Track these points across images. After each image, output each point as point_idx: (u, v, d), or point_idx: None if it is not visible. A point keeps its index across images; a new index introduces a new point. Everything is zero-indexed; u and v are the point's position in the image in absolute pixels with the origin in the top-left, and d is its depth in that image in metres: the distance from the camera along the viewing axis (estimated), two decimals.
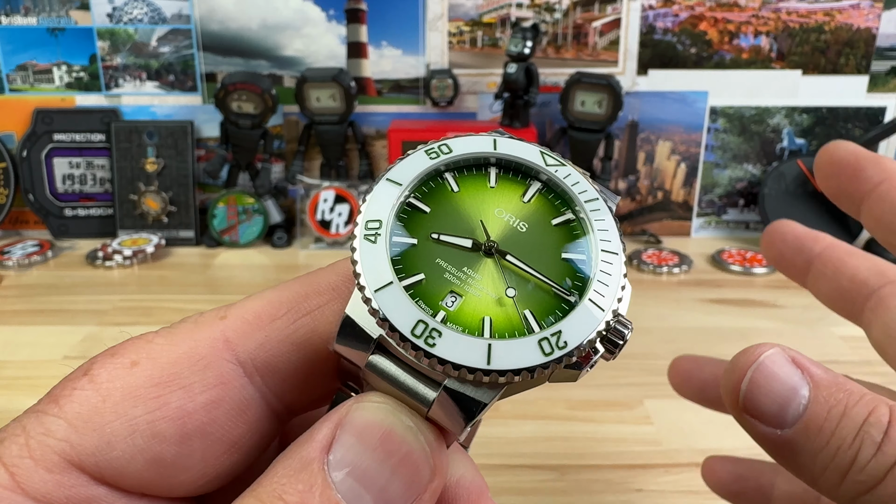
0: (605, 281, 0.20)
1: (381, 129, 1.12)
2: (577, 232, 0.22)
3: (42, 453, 0.18)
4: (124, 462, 0.19)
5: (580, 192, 0.22)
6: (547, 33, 1.09)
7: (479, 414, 0.19)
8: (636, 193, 1.14)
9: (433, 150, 0.22)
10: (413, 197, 0.21)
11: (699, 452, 0.58)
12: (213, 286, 0.95)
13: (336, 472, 0.18)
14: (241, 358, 0.21)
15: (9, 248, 1.03)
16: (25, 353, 0.74)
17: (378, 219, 0.20)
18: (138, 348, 0.21)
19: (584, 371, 0.20)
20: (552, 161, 0.23)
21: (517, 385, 0.20)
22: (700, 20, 1.07)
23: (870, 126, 1.10)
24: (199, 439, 0.20)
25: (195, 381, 0.20)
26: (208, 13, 1.07)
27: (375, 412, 0.19)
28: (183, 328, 0.21)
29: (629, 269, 0.21)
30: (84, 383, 0.20)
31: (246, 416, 0.21)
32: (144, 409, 0.19)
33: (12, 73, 1.09)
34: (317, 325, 0.21)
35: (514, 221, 0.21)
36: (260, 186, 1.09)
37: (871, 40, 1.07)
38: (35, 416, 0.19)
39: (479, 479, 0.22)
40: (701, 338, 0.78)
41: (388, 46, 1.09)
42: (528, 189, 0.22)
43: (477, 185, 0.22)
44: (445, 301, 0.20)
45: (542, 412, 0.63)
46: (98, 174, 1.11)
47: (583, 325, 0.20)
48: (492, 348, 0.19)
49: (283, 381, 0.22)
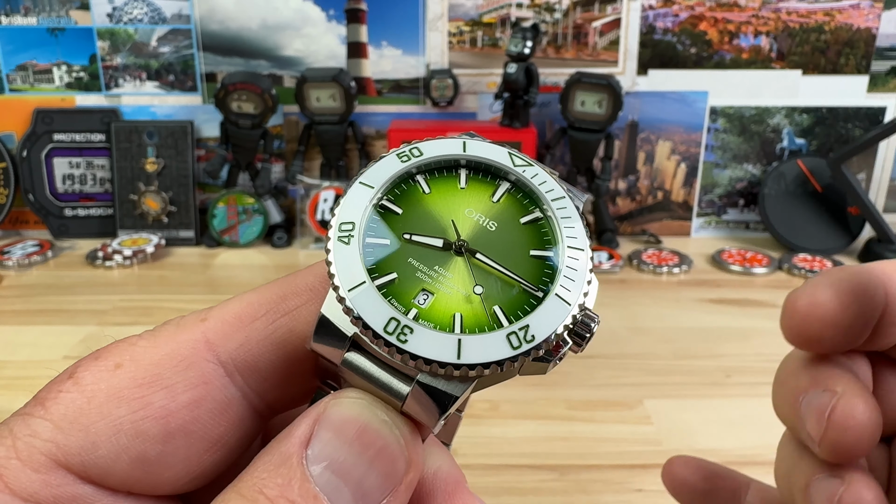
0: (572, 276, 0.21)
1: (381, 129, 1.12)
2: (545, 230, 0.22)
3: (29, 454, 0.19)
4: (109, 461, 0.20)
5: (547, 192, 0.23)
6: (547, 33, 1.09)
7: (451, 406, 0.20)
8: (636, 193, 1.14)
9: (404, 153, 0.23)
10: (385, 199, 0.22)
11: (699, 452, 0.58)
12: (213, 286, 0.95)
13: (314, 465, 0.18)
14: (221, 358, 0.22)
15: (9, 248, 1.03)
16: (25, 353, 0.74)
17: (351, 221, 0.21)
18: (122, 351, 0.21)
19: (553, 363, 0.21)
20: (520, 162, 0.23)
21: (488, 378, 0.20)
22: (700, 20, 1.07)
23: (870, 126, 1.10)
24: (182, 438, 0.20)
25: (177, 381, 0.21)
26: (208, 13, 1.07)
27: (351, 407, 0.19)
28: (165, 330, 0.22)
29: (629, 269, 0.21)
30: (69, 386, 0.20)
31: (227, 415, 0.21)
32: (128, 410, 0.20)
33: (12, 73, 1.09)
34: (295, 324, 0.22)
35: (484, 221, 0.22)
36: (260, 186, 1.09)
37: (871, 40, 1.07)
38: (21, 419, 0.20)
39: (455, 470, 0.23)
40: (701, 338, 0.78)
41: (388, 46, 1.09)
42: (497, 189, 0.23)
43: (447, 187, 0.23)
44: (417, 299, 0.20)
45: (542, 412, 0.63)
46: (98, 174, 1.11)
47: (550, 319, 0.20)
48: (462, 343, 0.19)
49: (263, 379, 0.22)
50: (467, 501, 0.22)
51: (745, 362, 0.72)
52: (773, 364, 0.27)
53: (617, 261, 0.99)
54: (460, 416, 0.26)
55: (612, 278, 0.96)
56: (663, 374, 0.71)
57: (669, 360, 0.73)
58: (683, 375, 0.70)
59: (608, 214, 1.10)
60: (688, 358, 0.74)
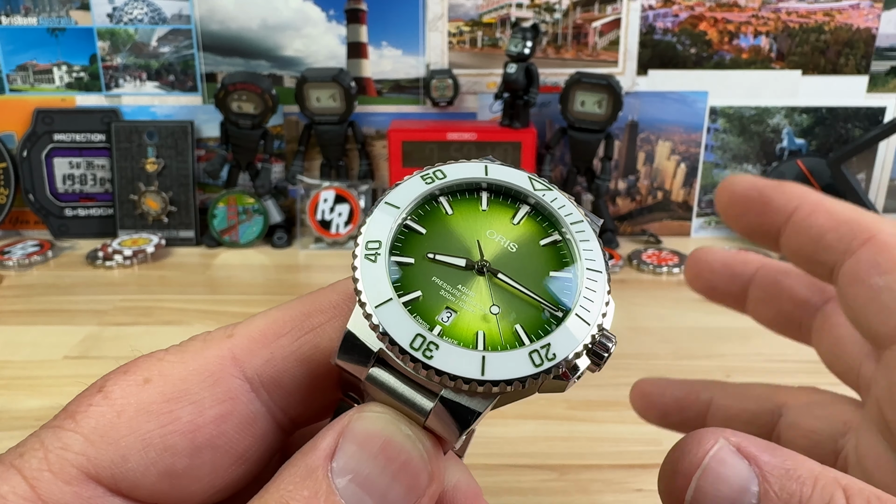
0: (590, 297, 0.22)
1: (381, 129, 1.12)
2: (564, 252, 0.23)
3: (60, 466, 0.19)
4: (138, 474, 0.20)
5: (566, 215, 0.23)
6: (547, 33, 1.09)
7: (474, 423, 0.20)
8: (636, 193, 1.14)
9: (428, 175, 0.23)
10: (410, 219, 0.23)
11: None
12: (214, 286, 0.95)
13: (339, 478, 0.19)
14: (247, 374, 0.22)
15: (9, 248, 1.03)
16: (25, 353, 0.74)
17: (378, 239, 0.22)
18: (150, 366, 0.22)
19: (572, 382, 0.21)
20: (540, 186, 0.24)
21: (509, 395, 0.21)
22: (700, 20, 1.07)
23: (870, 126, 1.10)
24: (208, 452, 0.21)
25: (205, 396, 0.21)
26: (208, 13, 1.07)
27: (376, 422, 0.20)
28: (192, 346, 0.22)
29: (629, 269, 0.22)
30: (99, 399, 0.21)
31: (253, 430, 0.22)
32: (157, 424, 0.20)
33: (12, 73, 1.09)
34: (319, 341, 0.23)
35: (505, 242, 0.23)
36: (260, 186, 1.09)
37: (871, 40, 1.07)
38: (52, 431, 0.20)
39: (473, 483, 0.23)
40: (701, 338, 0.78)
41: (388, 46, 1.09)
42: (518, 212, 0.24)
43: (470, 209, 0.24)
44: (441, 316, 0.21)
45: (542, 412, 0.63)
46: (98, 174, 1.11)
47: (570, 339, 0.21)
48: (486, 360, 0.20)
49: (287, 395, 0.23)
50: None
51: (745, 362, 0.72)
52: (773, 364, 0.27)
53: (617, 261, 0.99)
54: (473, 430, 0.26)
55: (612, 278, 0.95)
56: (663, 374, 0.70)
57: (669, 360, 0.73)
58: (683, 375, 0.70)
59: (608, 214, 1.10)
60: (688, 358, 0.74)
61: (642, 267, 0.98)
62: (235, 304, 0.87)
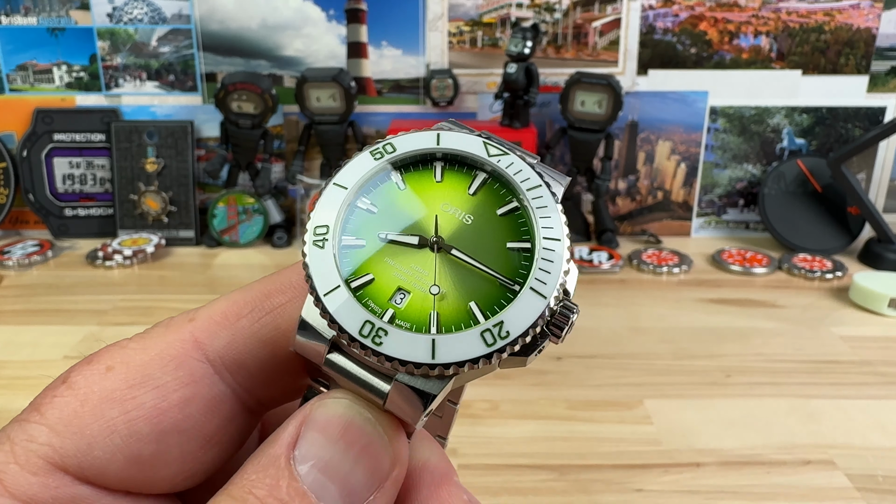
0: (547, 268, 0.21)
1: (381, 129, 1.12)
2: (522, 220, 0.22)
3: (26, 458, 0.20)
4: (105, 461, 0.20)
5: (523, 181, 0.22)
6: (547, 33, 1.09)
7: (432, 403, 0.20)
8: (636, 193, 1.14)
9: (378, 150, 0.23)
10: (360, 199, 0.22)
11: (699, 452, 0.58)
12: (213, 286, 0.94)
13: (301, 465, 0.19)
14: (210, 356, 0.22)
15: (9, 248, 1.03)
16: (25, 353, 0.74)
17: (325, 224, 0.21)
18: (112, 354, 0.22)
19: (532, 357, 0.21)
20: (495, 151, 0.23)
21: (465, 375, 0.20)
22: (700, 20, 1.07)
23: (870, 126, 1.10)
24: (174, 436, 0.21)
25: (167, 380, 0.21)
26: (208, 13, 1.07)
27: (336, 407, 0.20)
28: (154, 332, 0.22)
29: (629, 269, 0.21)
30: (63, 390, 0.21)
31: (218, 412, 0.22)
32: (121, 410, 0.20)
33: (12, 73, 1.09)
34: (280, 322, 0.22)
35: (460, 215, 0.22)
36: (260, 186, 1.09)
37: (871, 40, 1.07)
38: (18, 425, 0.20)
39: (444, 463, 0.23)
40: (701, 338, 0.78)
41: (388, 46, 1.09)
42: (474, 181, 0.23)
43: (423, 181, 0.23)
44: (394, 299, 0.21)
45: (542, 412, 0.63)
46: (98, 174, 1.11)
47: (525, 314, 0.20)
48: (436, 343, 0.20)
49: (251, 376, 0.23)
50: (452, 492, 0.22)
51: (745, 362, 0.72)
52: (773, 364, 0.27)
53: (617, 261, 0.99)
54: (455, 408, 0.26)
55: (612, 278, 0.96)
56: (663, 374, 0.71)
57: (669, 360, 0.73)
58: (683, 375, 0.70)
59: (608, 214, 1.10)
60: (688, 358, 0.73)
61: (642, 267, 0.98)
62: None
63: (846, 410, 0.64)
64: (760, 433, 0.61)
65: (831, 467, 0.56)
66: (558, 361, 0.72)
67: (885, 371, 0.71)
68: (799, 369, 0.71)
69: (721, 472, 0.56)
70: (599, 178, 1.07)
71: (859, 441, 0.59)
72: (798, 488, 0.54)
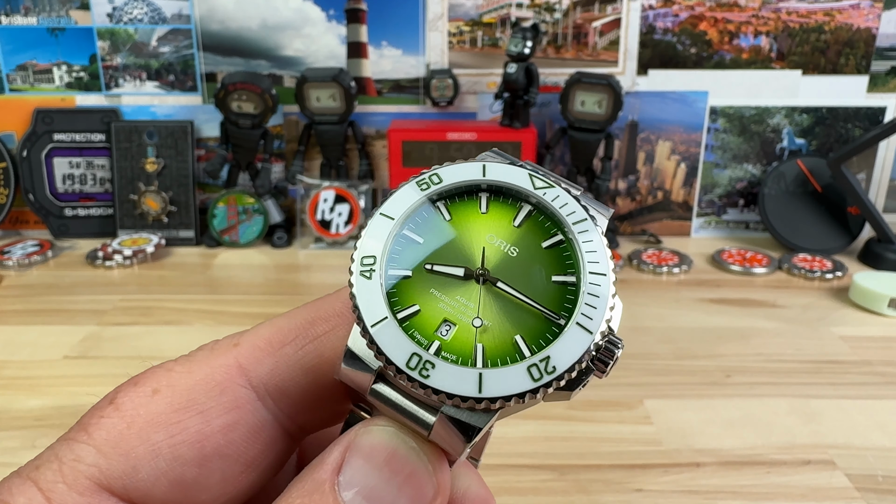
0: (593, 303, 0.21)
1: (381, 129, 1.12)
2: (567, 253, 0.22)
3: (74, 478, 0.20)
4: (149, 484, 0.20)
5: (568, 214, 0.22)
6: (547, 33, 1.09)
7: (476, 436, 0.20)
8: (636, 193, 1.14)
9: (424, 180, 0.23)
10: (406, 229, 0.22)
11: (699, 452, 0.58)
12: (213, 286, 0.95)
13: (346, 491, 0.19)
14: (253, 383, 0.22)
15: (9, 248, 1.03)
16: (25, 353, 0.74)
17: (373, 254, 0.21)
18: (159, 377, 0.22)
19: (576, 391, 0.21)
20: (541, 183, 0.23)
21: (510, 409, 0.20)
22: (700, 20, 1.07)
23: (870, 126, 1.10)
24: (217, 460, 0.21)
25: (212, 406, 0.21)
26: (208, 13, 1.07)
27: (381, 435, 0.20)
28: (199, 356, 0.23)
29: (629, 269, 0.21)
30: (110, 412, 0.21)
31: (260, 438, 0.22)
32: (166, 434, 0.21)
33: (12, 73, 1.09)
34: (323, 350, 0.23)
35: (506, 247, 0.22)
36: (260, 186, 1.09)
37: (871, 40, 1.07)
38: (66, 444, 0.21)
39: (484, 491, 0.24)
40: (701, 338, 0.78)
41: (388, 46, 1.09)
42: (519, 213, 0.23)
43: (468, 212, 0.23)
44: (440, 330, 0.21)
45: (542, 412, 0.63)
46: (98, 174, 1.11)
47: (571, 349, 0.20)
48: (483, 377, 0.20)
49: (293, 403, 0.23)
50: None
51: (745, 362, 0.72)
52: (773, 364, 0.27)
53: (617, 261, 0.99)
54: (490, 432, 0.26)
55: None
56: (663, 374, 0.71)
57: (669, 360, 0.73)
58: (683, 375, 0.70)
59: None
60: (688, 358, 0.73)
61: (642, 267, 0.98)
62: (235, 304, 0.87)
63: (846, 410, 0.64)
64: (760, 433, 0.61)
65: (831, 467, 0.56)
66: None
67: (885, 371, 0.71)
68: (799, 369, 0.71)
69: (721, 472, 0.56)
70: (599, 178, 1.07)
71: (859, 441, 0.59)
72: (798, 488, 0.54)
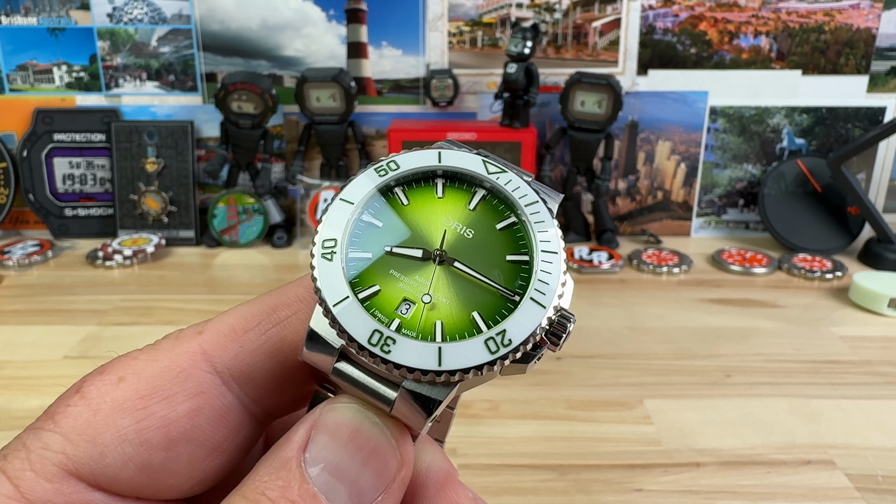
0: (546, 279, 0.22)
1: (381, 129, 1.12)
2: (521, 234, 0.23)
3: (42, 465, 0.20)
4: (116, 469, 0.21)
5: (521, 197, 0.23)
6: (547, 33, 1.09)
7: (437, 409, 0.21)
8: (636, 193, 1.14)
9: (382, 167, 0.24)
10: (366, 214, 0.23)
11: (699, 452, 0.58)
12: (213, 286, 0.95)
13: (312, 467, 0.20)
14: (218, 368, 0.23)
15: (9, 248, 1.03)
16: (25, 353, 0.74)
17: (333, 237, 0.22)
18: (124, 365, 0.22)
19: (532, 364, 0.22)
20: (494, 169, 0.24)
21: (469, 381, 0.21)
22: (700, 20, 1.07)
23: (870, 126, 1.10)
24: (183, 445, 0.22)
25: (177, 391, 0.22)
26: (208, 13, 1.07)
27: (344, 412, 0.21)
28: (164, 344, 0.23)
29: (629, 269, 0.22)
30: (76, 400, 0.21)
31: (226, 422, 0.23)
32: (132, 420, 0.21)
33: (12, 73, 1.09)
34: (285, 334, 0.24)
35: (462, 229, 0.23)
36: (260, 186, 1.09)
37: (871, 40, 1.07)
38: (34, 433, 0.21)
39: (447, 464, 0.24)
40: (701, 338, 0.78)
41: (388, 46, 1.09)
42: (473, 197, 0.24)
43: (425, 197, 0.24)
44: (400, 309, 0.22)
45: (542, 412, 0.63)
46: (98, 174, 1.11)
47: (526, 323, 0.21)
48: (442, 351, 0.21)
49: (258, 387, 0.24)
50: (458, 491, 0.23)
51: (745, 362, 0.72)
52: (772, 364, 0.27)
53: (617, 261, 0.99)
54: (452, 413, 0.27)
55: (612, 278, 0.96)
56: (663, 374, 0.71)
57: (669, 360, 0.73)
58: (683, 375, 0.70)
59: (608, 214, 1.10)
60: (688, 358, 0.74)
61: (642, 267, 0.98)
62: (235, 304, 0.87)
63: (846, 410, 0.64)
64: (760, 433, 0.61)
65: (831, 467, 0.56)
66: (558, 361, 0.72)
67: (885, 371, 0.71)
68: (799, 369, 0.71)
69: (721, 471, 0.56)
70: (599, 178, 1.07)
71: (859, 441, 0.59)
72: (798, 488, 0.54)
